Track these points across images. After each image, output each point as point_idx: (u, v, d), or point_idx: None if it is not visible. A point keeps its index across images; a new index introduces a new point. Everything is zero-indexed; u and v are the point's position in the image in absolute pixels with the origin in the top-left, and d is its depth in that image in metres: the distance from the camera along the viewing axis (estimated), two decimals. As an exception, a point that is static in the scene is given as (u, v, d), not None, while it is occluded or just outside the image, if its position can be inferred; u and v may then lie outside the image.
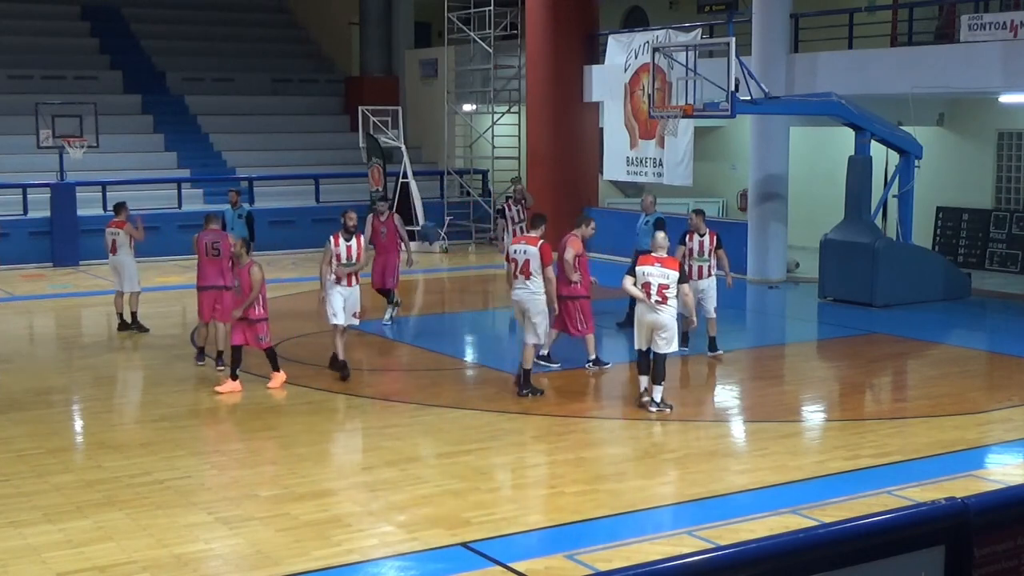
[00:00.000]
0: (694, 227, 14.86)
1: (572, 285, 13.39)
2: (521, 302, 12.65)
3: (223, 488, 9.53)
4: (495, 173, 28.27)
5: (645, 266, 11.76)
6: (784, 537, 4.46)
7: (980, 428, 11.57)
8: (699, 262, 14.63)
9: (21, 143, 24.97)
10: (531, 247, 12.62)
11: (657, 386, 11.76)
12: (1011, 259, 21.78)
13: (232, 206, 18.57)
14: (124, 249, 16.11)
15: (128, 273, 16.18)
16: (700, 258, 14.67)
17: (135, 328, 16.25)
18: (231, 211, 18.40)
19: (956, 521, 4.55)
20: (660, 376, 11.74)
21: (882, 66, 19.85)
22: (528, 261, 12.53)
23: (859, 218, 18.81)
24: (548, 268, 12.58)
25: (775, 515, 8.79)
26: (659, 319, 11.60)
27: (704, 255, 14.67)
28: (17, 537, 8.42)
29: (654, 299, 11.56)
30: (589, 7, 25.79)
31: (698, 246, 14.71)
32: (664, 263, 11.72)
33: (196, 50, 31.97)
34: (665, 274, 11.63)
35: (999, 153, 22.71)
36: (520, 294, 12.63)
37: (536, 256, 12.52)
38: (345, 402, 12.55)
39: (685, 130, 22.09)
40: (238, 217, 18.35)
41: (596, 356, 13.75)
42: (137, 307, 16.35)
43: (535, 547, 8.36)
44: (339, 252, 13.35)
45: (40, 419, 11.81)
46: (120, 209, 16.43)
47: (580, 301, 13.54)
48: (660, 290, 11.55)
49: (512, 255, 12.80)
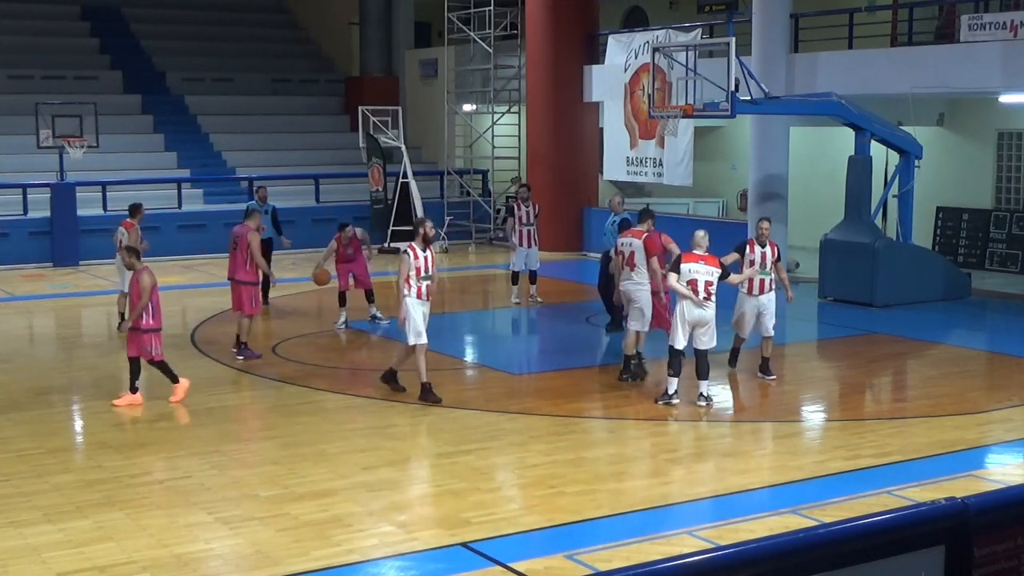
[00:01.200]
0: (760, 236, 13.44)
1: None
2: (628, 292, 13.27)
3: (223, 488, 9.53)
4: (495, 173, 28.29)
5: (691, 263, 12.09)
6: (784, 537, 4.46)
7: (980, 428, 11.57)
8: (761, 275, 13.26)
9: (21, 143, 24.97)
10: (636, 240, 13.31)
11: (703, 380, 12.17)
12: (1011, 259, 21.78)
13: (261, 202, 18.86)
14: None
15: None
16: (763, 271, 13.27)
17: None
18: (258, 207, 18.60)
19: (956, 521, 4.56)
20: (705, 372, 12.18)
21: (882, 66, 19.85)
22: (633, 253, 13.23)
23: (859, 218, 18.82)
24: (653, 259, 13.17)
25: (775, 515, 8.79)
26: (705, 315, 12.08)
27: (767, 267, 13.32)
28: (17, 537, 8.43)
29: (702, 296, 11.96)
30: (589, 7, 25.80)
31: (760, 257, 13.29)
32: (707, 260, 12.15)
33: (196, 50, 31.97)
34: (710, 271, 12.08)
35: (999, 153, 22.71)
36: (626, 285, 13.29)
37: (640, 248, 13.20)
38: (345, 402, 12.55)
39: (685, 130, 22.10)
40: (264, 213, 18.52)
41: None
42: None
43: (535, 547, 8.36)
44: (419, 265, 12.20)
45: (40, 419, 11.81)
46: (135, 211, 16.58)
47: None
48: (707, 287, 11.99)
49: (620, 247, 13.51)
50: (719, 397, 12.55)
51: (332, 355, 15.02)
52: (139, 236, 16.28)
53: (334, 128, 30.76)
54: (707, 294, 12.01)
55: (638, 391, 12.69)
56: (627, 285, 13.29)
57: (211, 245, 23.97)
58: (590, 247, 25.10)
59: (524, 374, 14.56)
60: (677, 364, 12.17)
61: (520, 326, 18.01)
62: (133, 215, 16.46)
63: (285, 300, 19.22)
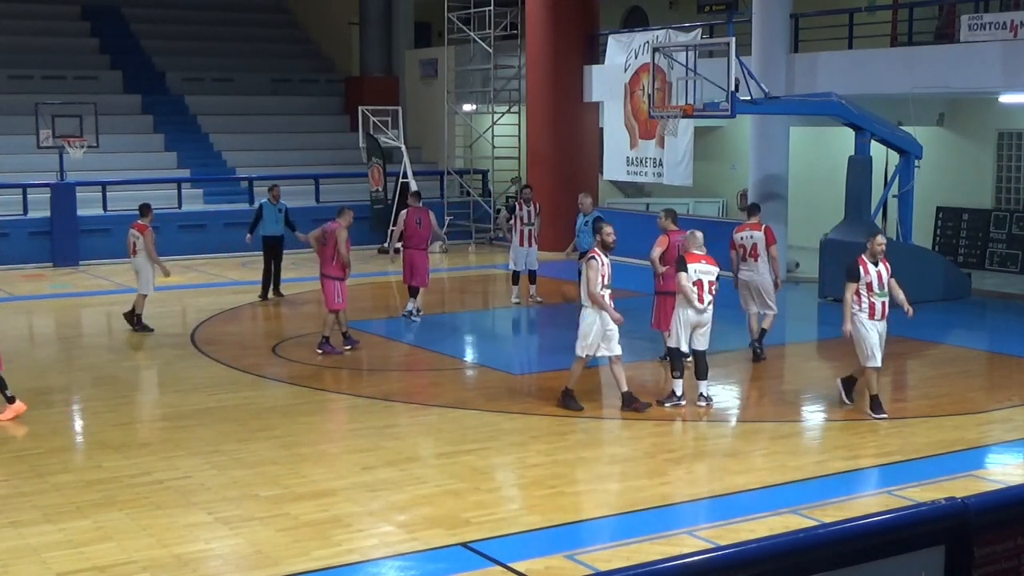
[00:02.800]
0: (873, 253, 11.71)
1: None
2: (751, 283, 14.18)
3: (223, 488, 9.52)
4: (495, 173, 28.29)
5: (695, 264, 12.17)
6: (784, 537, 4.47)
7: (980, 428, 11.57)
8: (880, 298, 11.66)
9: (21, 143, 24.96)
10: (756, 232, 14.18)
11: (703, 381, 12.25)
12: (1011, 259, 21.78)
13: (274, 200, 19.28)
14: (143, 252, 16.29)
15: (142, 275, 16.35)
16: (880, 293, 11.64)
17: (138, 328, 16.29)
18: (270, 205, 19.20)
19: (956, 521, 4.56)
20: (704, 372, 12.28)
21: (882, 66, 19.85)
22: (756, 245, 14.11)
23: (859, 218, 18.81)
24: (773, 247, 14.23)
25: (775, 515, 8.79)
26: (705, 317, 12.21)
27: (883, 289, 11.66)
28: (17, 537, 8.42)
29: (707, 298, 12.11)
30: (589, 7, 25.81)
31: (876, 278, 11.61)
32: (708, 260, 12.25)
33: (196, 50, 31.97)
34: (711, 271, 12.19)
35: (999, 153, 22.71)
36: (750, 276, 14.17)
37: (762, 239, 14.15)
38: (345, 402, 12.55)
39: (685, 130, 22.10)
40: (277, 212, 19.23)
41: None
42: (143, 309, 16.40)
43: (535, 547, 8.35)
44: (604, 272, 11.76)
45: (40, 419, 11.81)
46: (144, 211, 16.59)
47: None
48: (710, 287, 12.14)
49: (739, 241, 14.23)
50: (719, 397, 12.55)
51: (332, 355, 15.00)
52: (153, 238, 16.32)
53: (334, 128, 30.75)
54: (711, 295, 12.12)
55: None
56: (751, 276, 14.15)
57: (211, 245, 23.99)
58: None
59: (524, 374, 14.55)
60: (680, 365, 12.19)
61: (520, 326, 18.01)
62: (144, 216, 16.48)
63: (286, 300, 19.21)
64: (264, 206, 19.25)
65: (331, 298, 14.72)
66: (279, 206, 19.23)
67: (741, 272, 14.30)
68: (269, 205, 19.21)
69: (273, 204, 19.23)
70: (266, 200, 19.36)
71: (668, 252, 13.57)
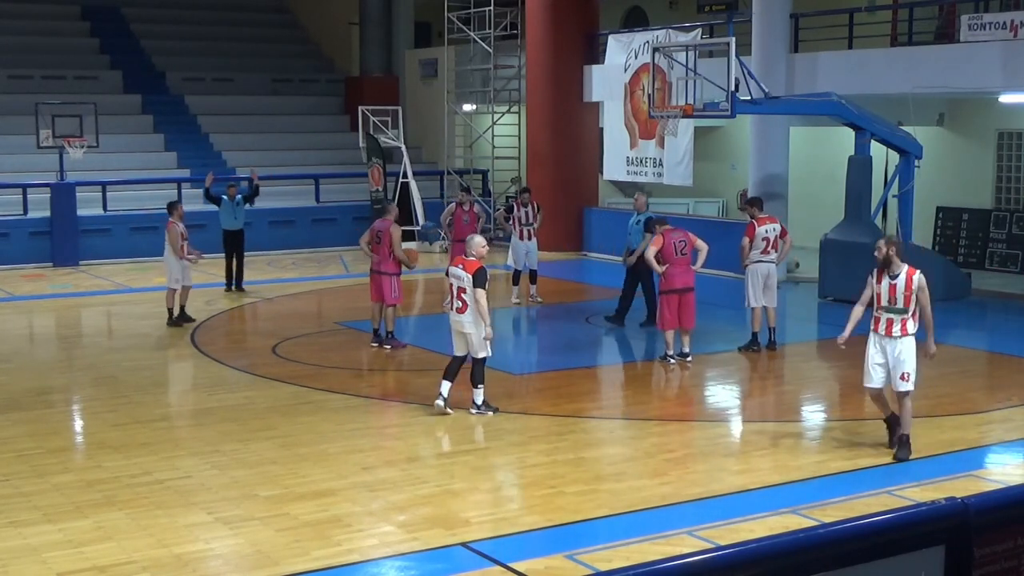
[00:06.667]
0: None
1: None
2: (770, 274, 14.85)
3: (223, 488, 9.52)
4: (495, 173, 28.28)
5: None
6: (784, 537, 4.46)
7: (980, 428, 11.57)
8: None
9: (21, 143, 24.95)
10: (775, 224, 15.03)
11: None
12: (1011, 259, 21.78)
13: (230, 199, 19.83)
14: (168, 248, 16.71)
15: (169, 271, 16.80)
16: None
17: (181, 320, 16.72)
18: (227, 201, 19.81)
19: (956, 521, 4.56)
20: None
21: (882, 66, 19.84)
22: (776, 237, 14.86)
23: (859, 218, 18.81)
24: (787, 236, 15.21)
25: (775, 515, 8.79)
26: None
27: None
28: (17, 537, 8.42)
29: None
30: (589, 7, 25.79)
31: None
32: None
33: (196, 50, 31.96)
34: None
35: (999, 153, 22.71)
36: (770, 267, 14.88)
37: (779, 230, 15.00)
38: (345, 402, 12.54)
39: (685, 130, 22.08)
40: (235, 206, 19.81)
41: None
42: (174, 303, 16.78)
43: (535, 547, 8.35)
44: (879, 292, 10.04)
45: (40, 419, 11.81)
46: (168, 209, 16.97)
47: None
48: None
49: (765, 235, 14.80)
50: (719, 397, 12.54)
51: (332, 355, 15.02)
52: (179, 234, 16.61)
53: (334, 128, 30.75)
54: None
55: (638, 391, 12.69)
56: (771, 268, 14.83)
57: (211, 245, 23.94)
58: (590, 247, 25.10)
59: (524, 374, 14.55)
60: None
61: (520, 326, 18.00)
62: (169, 213, 16.83)
63: (286, 300, 19.21)
64: (223, 201, 19.74)
65: (388, 294, 15.07)
66: (236, 200, 19.78)
67: (760, 264, 14.73)
68: (227, 201, 19.74)
69: (231, 201, 19.74)
70: (225, 196, 19.80)
71: (664, 251, 13.73)
